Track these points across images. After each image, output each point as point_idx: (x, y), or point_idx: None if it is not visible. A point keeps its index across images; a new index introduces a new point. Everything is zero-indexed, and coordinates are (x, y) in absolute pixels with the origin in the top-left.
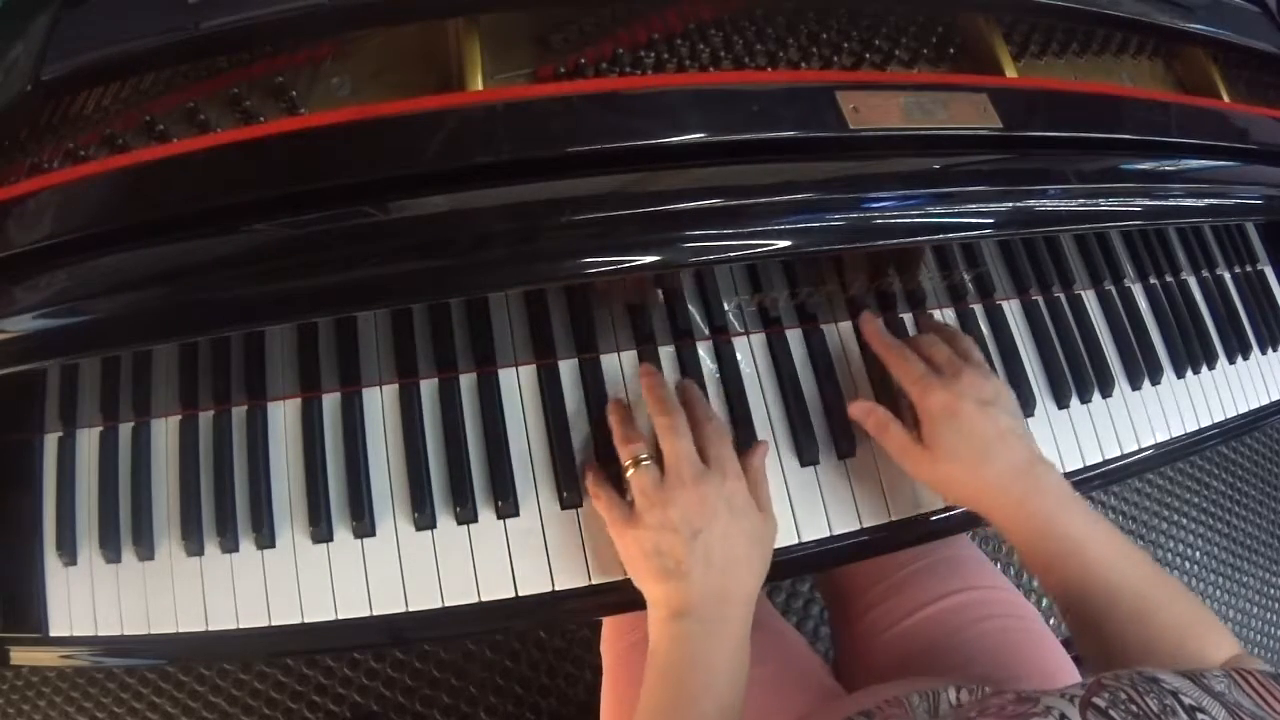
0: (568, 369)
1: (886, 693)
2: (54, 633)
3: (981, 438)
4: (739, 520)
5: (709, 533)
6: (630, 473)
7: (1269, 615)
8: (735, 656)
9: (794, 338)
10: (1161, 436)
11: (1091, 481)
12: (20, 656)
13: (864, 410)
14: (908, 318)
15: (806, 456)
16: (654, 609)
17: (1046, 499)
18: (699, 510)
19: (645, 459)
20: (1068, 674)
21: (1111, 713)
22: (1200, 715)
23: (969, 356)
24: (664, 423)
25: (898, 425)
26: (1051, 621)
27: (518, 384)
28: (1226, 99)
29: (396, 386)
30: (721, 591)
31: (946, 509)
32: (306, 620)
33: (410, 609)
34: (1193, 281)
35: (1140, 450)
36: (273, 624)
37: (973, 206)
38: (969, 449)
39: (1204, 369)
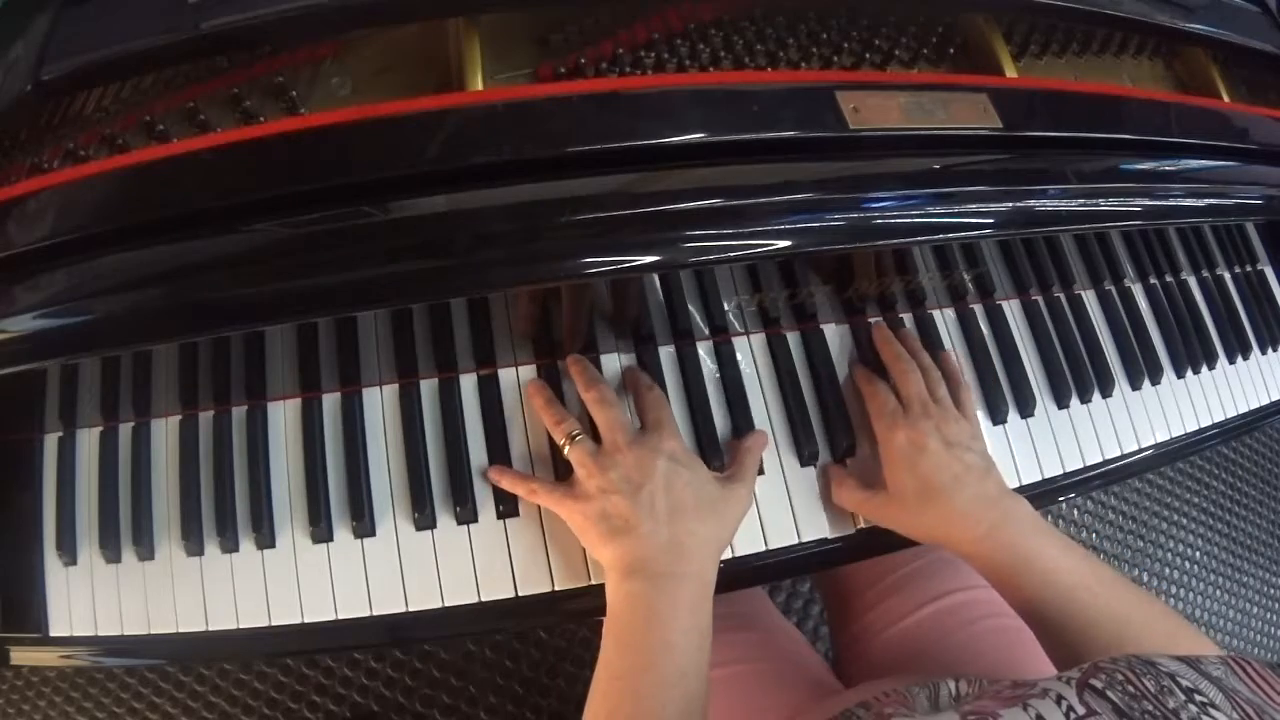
0: None
1: (884, 686)
2: (54, 633)
3: (946, 472)
4: (681, 472)
5: (651, 484)
6: (567, 450)
7: (1269, 615)
8: (694, 616)
9: (794, 338)
10: (1161, 436)
11: (1091, 481)
12: (20, 656)
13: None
14: (908, 317)
15: (806, 456)
16: (609, 574)
17: (1016, 529)
18: (637, 468)
19: (578, 434)
20: None
21: (1109, 693)
22: (1198, 696)
23: (935, 394)
24: (591, 396)
25: (851, 482)
26: None
27: (518, 384)
28: (1226, 99)
29: (396, 386)
30: (672, 542)
31: None
32: (306, 620)
33: (410, 609)
34: (1193, 281)
35: (1140, 450)
36: (273, 624)
37: (973, 206)
38: (932, 484)
39: (1204, 369)
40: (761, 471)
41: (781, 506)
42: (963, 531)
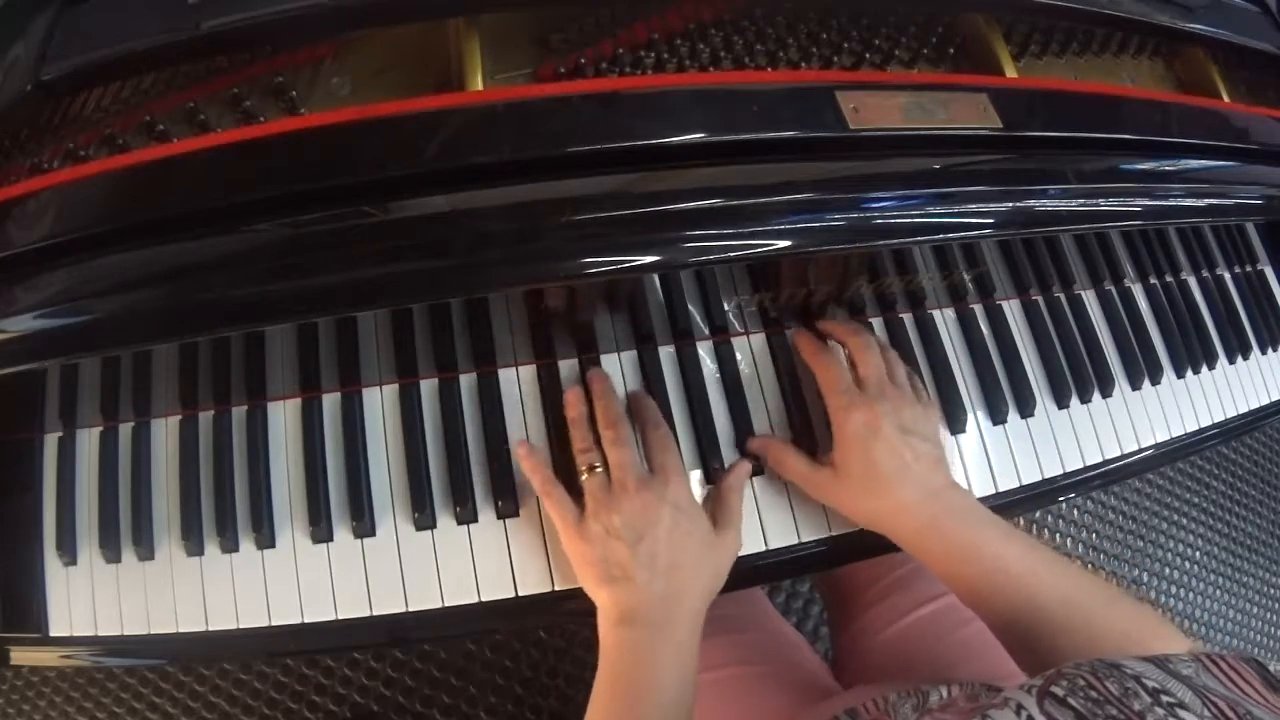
0: (568, 369)
1: (875, 692)
2: (54, 633)
3: (897, 460)
4: (683, 523)
5: (653, 536)
6: (584, 478)
7: (1269, 615)
8: (681, 661)
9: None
10: (1161, 436)
11: (1091, 481)
12: (20, 656)
13: (760, 445)
14: (908, 317)
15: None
16: (603, 614)
17: (959, 520)
18: (641, 516)
19: (598, 467)
20: None
21: (1070, 700)
22: (1164, 697)
23: (894, 376)
24: (609, 435)
25: (795, 453)
26: None
27: (518, 384)
28: (1226, 99)
29: (396, 386)
30: (666, 595)
31: None
32: (306, 620)
33: (410, 609)
34: (1193, 281)
35: (1140, 450)
36: (273, 624)
37: (973, 206)
38: (882, 470)
39: (1204, 369)
40: (760, 471)
41: (781, 506)
42: (904, 521)
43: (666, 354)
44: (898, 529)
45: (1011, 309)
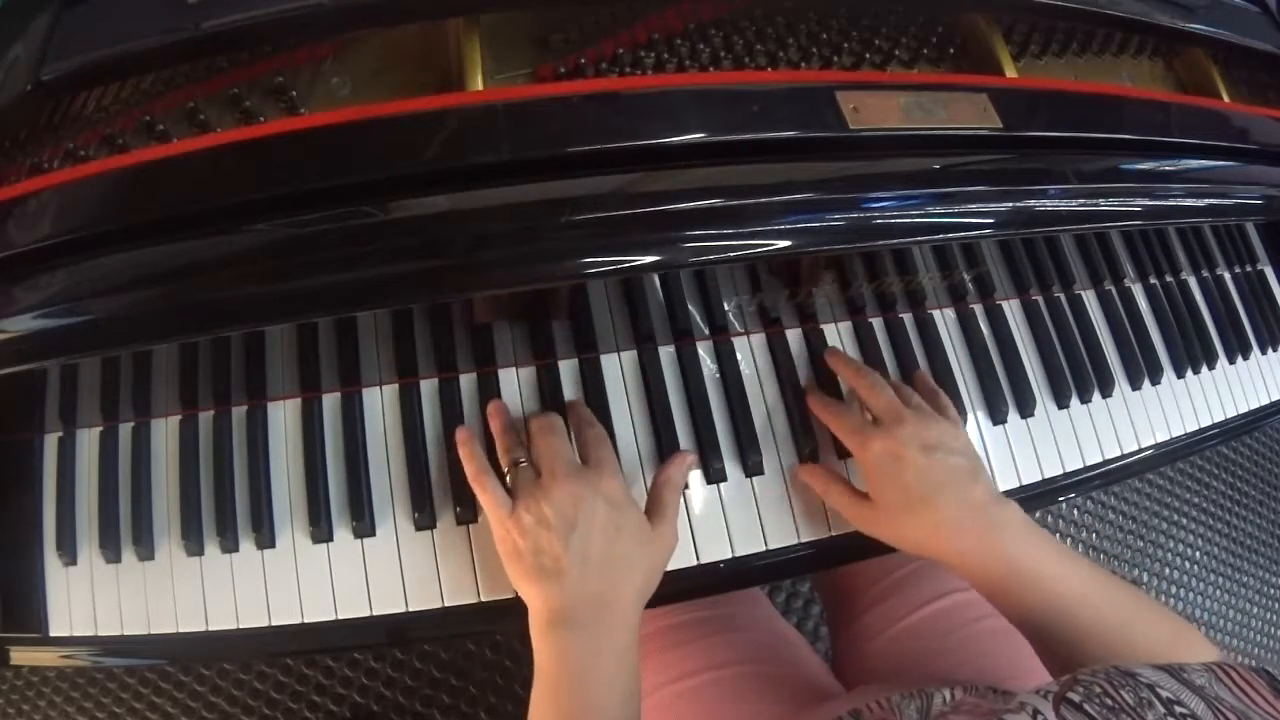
0: (568, 369)
1: (878, 693)
2: (54, 633)
3: (929, 481)
4: (617, 516)
5: (585, 526)
6: (509, 474)
7: (1269, 615)
8: (619, 668)
9: (794, 338)
10: (1161, 436)
11: (1091, 481)
12: (20, 656)
13: (808, 473)
14: (908, 317)
15: (807, 455)
16: (534, 617)
17: (1006, 535)
18: (573, 504)
19: (523, 461)
20: None
21: (1086, 707)
22: (1178, 708)
23: (909, 402)
24: (536, 424)
25: (841, 484)
26: None
27: (518, 384)
28: (1226, 99)
29: (396, 386)
30: (599, 595)
31: None
32: (306, 620)
33: (410, 609)
34: (1193, 281)
35: (1140, 450)
36: (273, 624)
37: (973, 206)
38: (916, 495)
39: (1204, 369)
40: (761, 472)
41: (782, 506)
42: (950, 541)
43: (666, 354)
44: (945, 551)
45: (1011, 309)
